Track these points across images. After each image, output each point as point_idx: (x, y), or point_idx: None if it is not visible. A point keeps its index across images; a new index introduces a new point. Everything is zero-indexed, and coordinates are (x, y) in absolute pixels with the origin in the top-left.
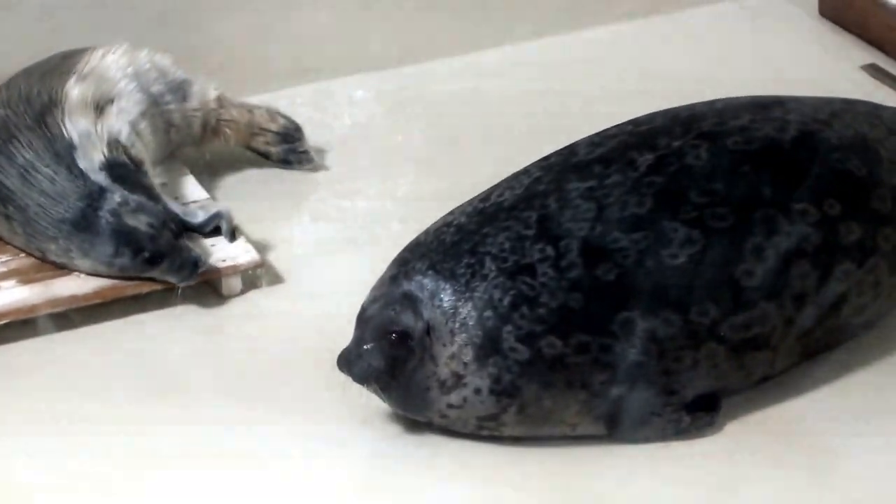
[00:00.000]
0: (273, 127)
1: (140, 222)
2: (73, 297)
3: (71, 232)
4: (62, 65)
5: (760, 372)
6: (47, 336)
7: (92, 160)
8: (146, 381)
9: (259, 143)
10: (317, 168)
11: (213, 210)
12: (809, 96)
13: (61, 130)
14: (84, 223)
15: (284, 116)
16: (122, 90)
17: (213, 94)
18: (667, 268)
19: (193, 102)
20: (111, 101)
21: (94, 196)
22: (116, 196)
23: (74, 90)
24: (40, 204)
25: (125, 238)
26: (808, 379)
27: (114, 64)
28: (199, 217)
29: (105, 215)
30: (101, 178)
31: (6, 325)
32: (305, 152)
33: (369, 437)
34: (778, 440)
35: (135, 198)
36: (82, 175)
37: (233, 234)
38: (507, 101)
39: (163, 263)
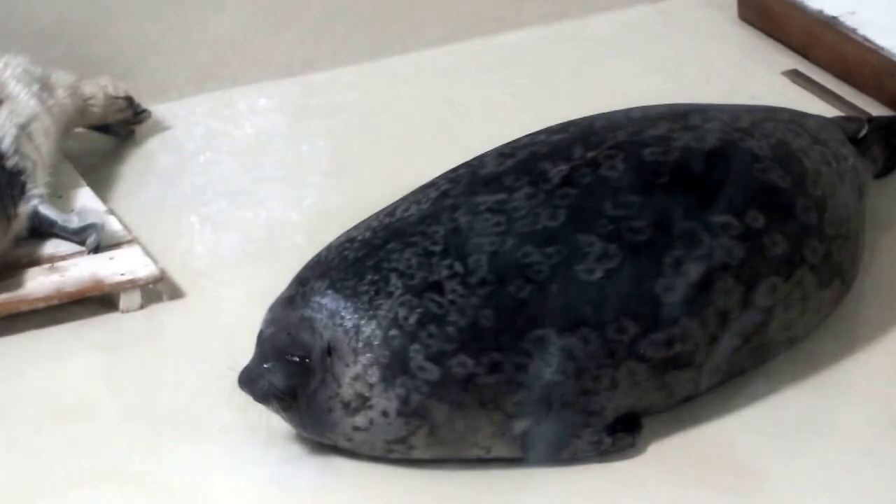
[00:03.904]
0: (121, 92)
1: None
2: None
3: None
4: None
5: (684, 391)
6: None
7: None
8: (40, 401)
9: (114, 113)
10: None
11: (89, 220)
12: (730, 104)
13: None
14: None
15: (114, 81)
16: (13, 93)
17: (69, 78)
18: (582, 283)
19: (60, 92)
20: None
21: None
22: None
23: None
24: None
25: None
26: (733, 398)
27: (2, 68)
28: (73, 223)
29: None
30: None
31: None
32: (144, 111)
33: (272, 459)
34: (703, 461)
35: None
36: None
37: (96, 249)
38: (413, 110)
39: None
